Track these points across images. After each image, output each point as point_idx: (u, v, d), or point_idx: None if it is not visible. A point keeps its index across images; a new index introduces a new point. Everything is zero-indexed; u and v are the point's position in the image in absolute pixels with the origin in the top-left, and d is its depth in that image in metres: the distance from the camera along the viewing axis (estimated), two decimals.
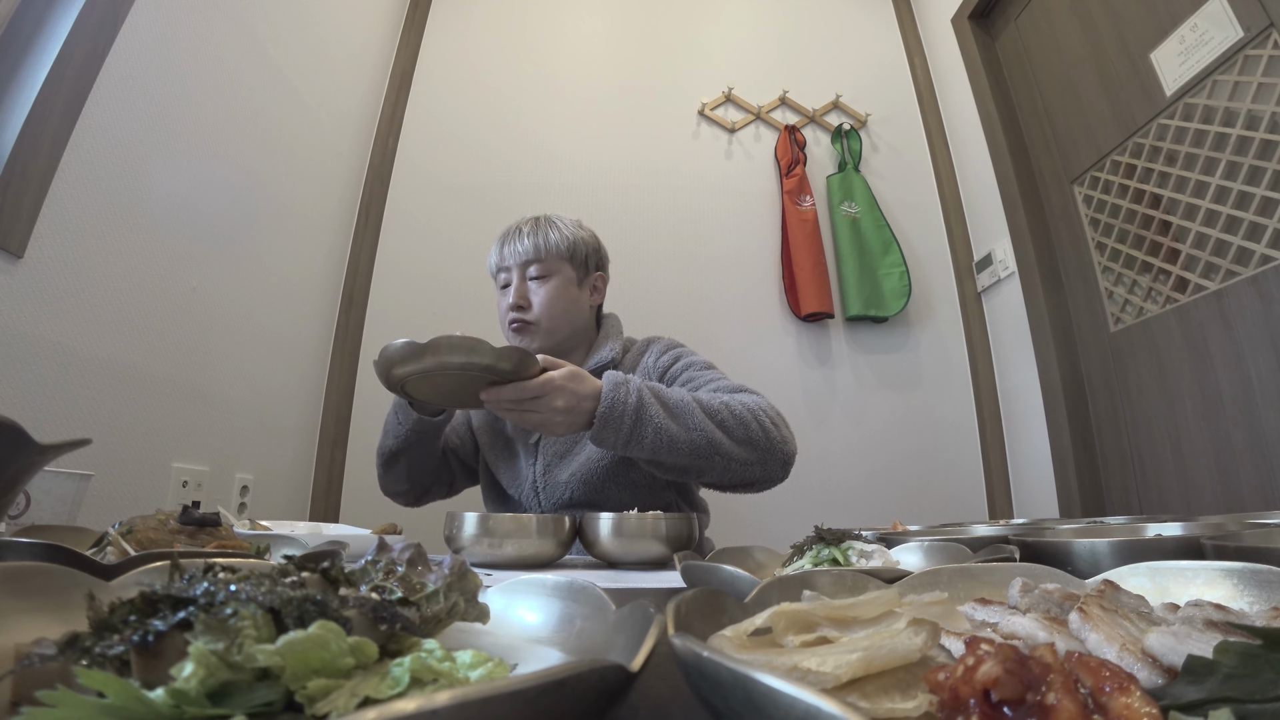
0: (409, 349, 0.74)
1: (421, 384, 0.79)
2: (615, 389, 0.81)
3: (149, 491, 1.18)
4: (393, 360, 0.75)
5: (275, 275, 1.58)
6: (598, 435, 0.81)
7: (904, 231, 2.07)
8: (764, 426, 0.88)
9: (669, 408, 0.84)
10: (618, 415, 0.80)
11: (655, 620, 0.21)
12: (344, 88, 1.91)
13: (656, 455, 0.83)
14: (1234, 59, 1.29)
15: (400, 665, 0.19)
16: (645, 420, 0.81)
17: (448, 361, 0.73)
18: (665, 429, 0.82)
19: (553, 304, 1.03)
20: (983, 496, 1.87)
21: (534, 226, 1.06)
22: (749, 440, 0.86)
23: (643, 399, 0.82)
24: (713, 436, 0.84)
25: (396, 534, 0.83)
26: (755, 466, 0.88)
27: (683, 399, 0.86)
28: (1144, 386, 1.50)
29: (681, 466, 0.85)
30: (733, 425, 0.86)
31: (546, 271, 1.04)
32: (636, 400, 0.82)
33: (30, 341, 0.96)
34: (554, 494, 1.02)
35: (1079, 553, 0.43)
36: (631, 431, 0.81)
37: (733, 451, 0.85)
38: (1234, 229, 1.29)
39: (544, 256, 1.04)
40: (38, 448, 0.37)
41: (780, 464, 0.90)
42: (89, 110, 1.05)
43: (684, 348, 1.09)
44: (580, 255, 1.08)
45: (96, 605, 0.19)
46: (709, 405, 0.87)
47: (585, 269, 1.09)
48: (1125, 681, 0.15)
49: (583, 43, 2.26)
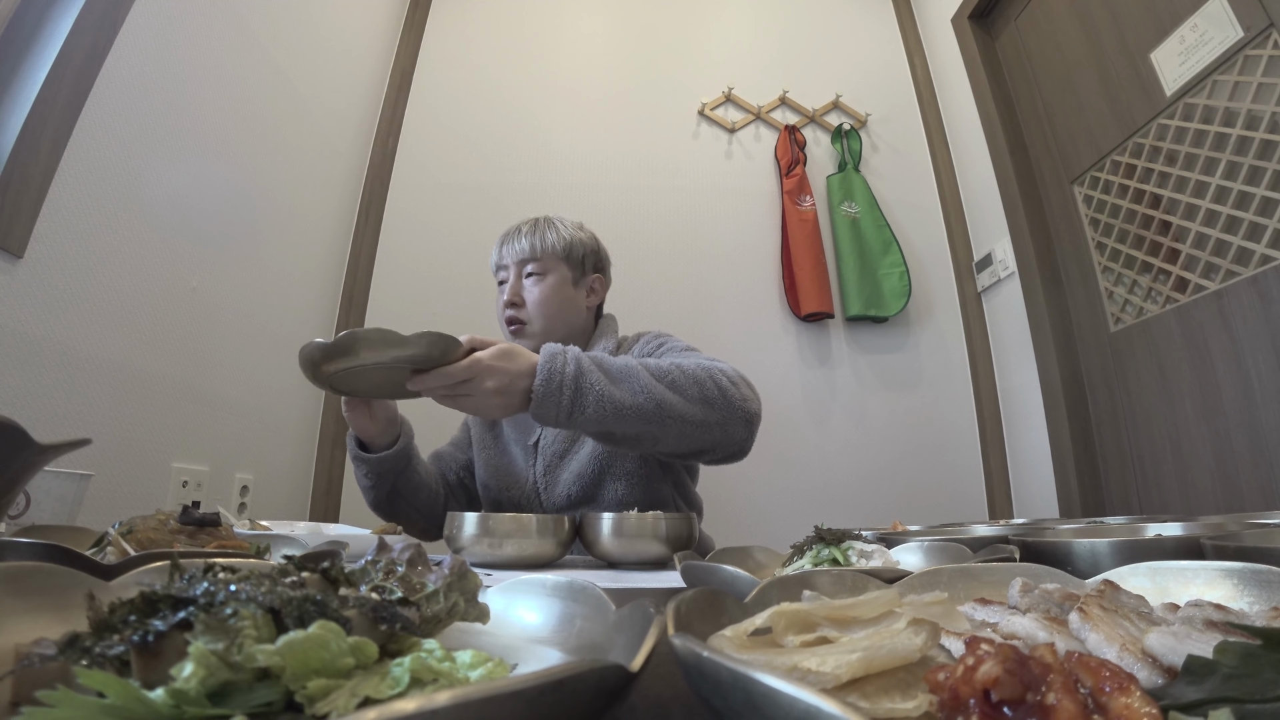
0: (321, 351, 0.69)
1: (349, 380, 0.74)
2: (551, 359, 0.77)
3: (149, 491, 1.18)
4: (308, 362, 0.70)
5: (275, 275, 1.58)
6: (537, 411, 0.76)
7: (904, 231, 2.07)
8: (720, 385, 0.84)
9: (611, 374, 0.79)
10: (555, 387, 0.75)
11: (655, 620, 0.21)
12: (344, 88, 1.91)
13: (603, 425, 0.78)
14: (1234, 59, 1.29)
15: (400, 665, 0.19)
16: (586, 389, 0.76)
17: (363, 359, 0.69)
18: (608, 396, 0.77)
19: (546, 302, 1.04)
20: (983, 496, 1.87)
21: (533, 227, 1.08)
22: (704, 399, 0.82)
23: (582, 367, 0.77)
24: (662, 399, 0.79)
25: (396, 534, 0.83)
26: (715, 429, 0.84)
27: (626, 364, 0.81)
28: (1144, 386, 1.50)
29: (633, 435, 0.81)
30: (685, 384, 0.82)
31: (542, 270, 1.05)
32: (575, 369, 0.77)
33: (31, 341, 0.96)
34: (555, 493, 1.02)
35: (1079, 553, 0.43)
36: (573, 403, 0.76)
37: (686, 412, 0.81)
38: (1234, 229, 1.28)
39: (540, 255, 1.05)
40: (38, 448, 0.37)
41: (742, 423, 0.86)
42: (89, 110, 1.05)
43: (671, 337, 1.08)
44: (577, 255, 1.08)
45: (96, 605, 0.19)
46: (657, 367, 0.83)
47: (582, 269, 1.10)
48: (1125, 681, 0.15)
49: (583, 42, 2.26)
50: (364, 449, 0.97)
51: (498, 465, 1.10)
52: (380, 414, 0.92)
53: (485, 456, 1.11)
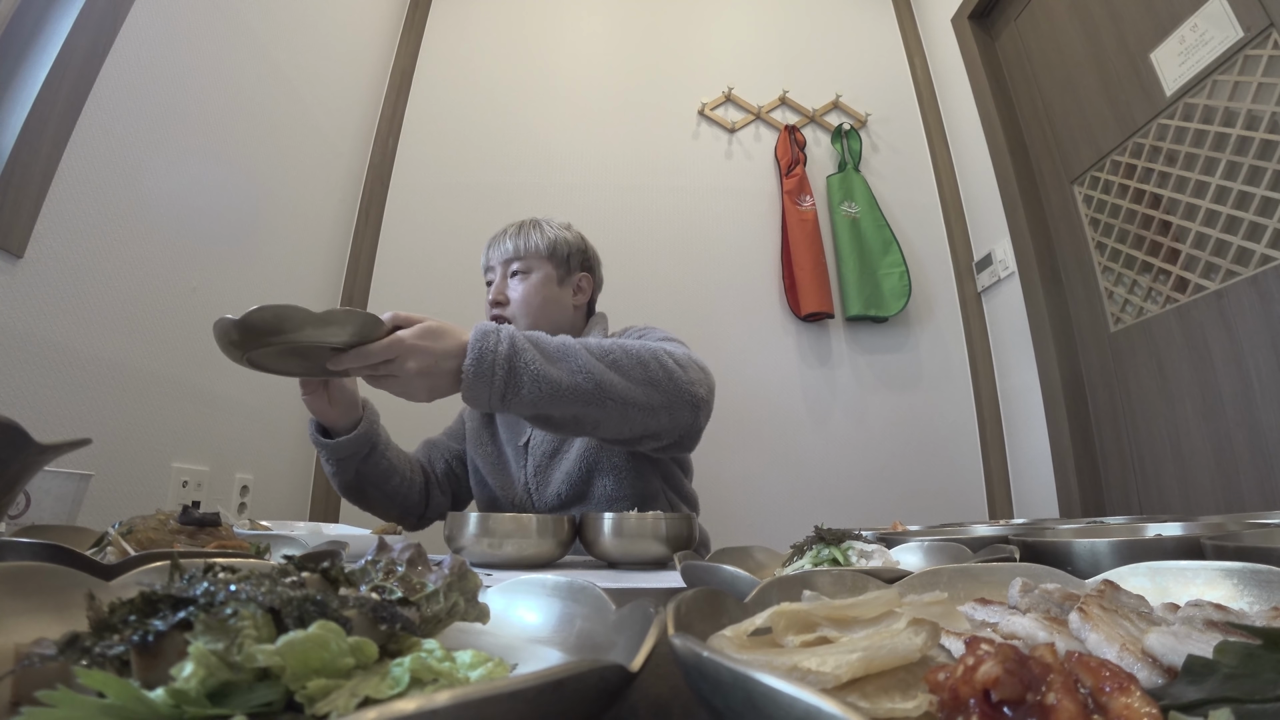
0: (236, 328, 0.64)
1: (268, 358, 0.70)
2: (483, 338, 0.72)
3: (149, 491, 1.18)
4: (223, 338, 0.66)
5: (275, 275, 1.58)
6: (469, 393, 0.72)
7: (904, 231, 2.07)
8: (665, 366, 0.81)
9: (547, 352, 0.76)
10: (487, 367, 0.71)
11: (655, 620, 0.21)
12: (344, 88, 1.91)
13: (539, 408, 0.74)
14: (1234, 59, 1.29)
15: (400, 665, 0.19)
16: (520, 369, 0.72)
17: (281, 338, 0.64)
18: (544, 375, 0.73)
19: (529, 300, 1.05)
20: (983, 496, 1.87)
21: (518, 229, 1.09)
22: (648, 380, 0.79)
23: (516, 346, 0.73)
24: (601, 378, 0.76)
25: (396, 534, 0.83)
26: (660, 412, 0.80)
27: (564, 342, 0.78)
28: (1144, 386, 1.50)
29: (573, 418, 0.77)
30: (627, 365, 0.79)
31: (526, 269, 1.07)
32: (509, 348, 0.73)
33: (30, 341, 0.96)
34: (546, 493, 1.03)
35: (1079, 553, 0.43)
36: (506, 383, 0.72)
37: (628, 394, 0.77)
38: (1234, 229, 1.28)
39: (524, 255, 1.07)
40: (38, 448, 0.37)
41: (689, 407, 0.82)
42: (89, 110, 1.05)
43: (654, 329, 1.08)
44: (561, 254, 1.09)
45: (96, 605, 0.19)
46: (598, 346, 0.79)
47: (567, 268, 1.10)
48: (1125, 681, 0.15)
49: (583, 42, 2.26)
50: (327, 435, 0.96)
51: (495, 464, 1.10)
52: (339, 397, 0.91)
53: (483, 454, 1.11)
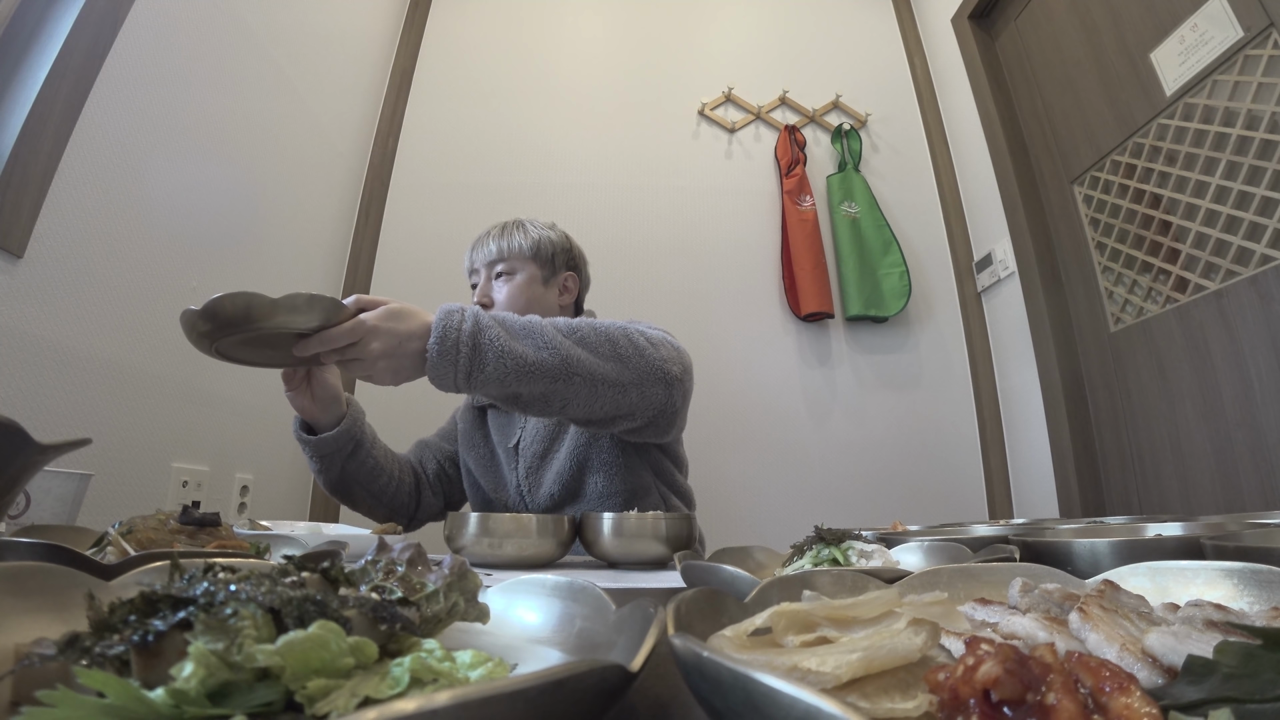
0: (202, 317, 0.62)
1: (236, 348, 0.69)
2: (447, 317, 0.72)
3: (149, 491, 1.18)
4: (189, 328, 0.65)
5: (275, 275, 1.58)
6: (434, 374, 0.71)
7: (904, 231, 2.07)
8: (635, 343, 0.80)
9: (512, 330, 0.75)
10: (451, 346, 0.70)
11: (655, 620, 0.21)
12: (344, 88, 1.91)
13: (506, 385, 0.73)
14: (1234, 59, 1.29)
15: (400, 665, 0.19)
16: (484, 345, 0.71)
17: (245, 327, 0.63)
18: (509, 351, 0.72)
19: (513, 300, 1.05)
20: (983, 496, 1.87)
21: (501, 231, 1.10)
22: (616, 356, 0.78)
23: (480, 324, 0.73)
24: (568, 354, 0.75)
25: (396, 534, 0.83)
26: (631, 390, 0.79)
27: (530, 320, 0.77)
28: (1144, 386, 1.50)
29: (541, 395, 0.76)
30: (595, 341, 0.78)
31: (510, 270, 1.07)
32: (473, 326, 0.72)
33: (30, 341, 0.96)
34: (539, 494, 1.03)
35: (1079, 553, 0.43)
36: (470, 362, 0.71)
37: (596, 370, 0.76)
38: (1234, 229, 1.28)
39: (507, 256, 1.07)
40: (38, 448, 0.37)
41: (660, 384, 0.81)
42: (89, 110, 1.05)
43: (641, 322, 1.08)
44: (545, 254, 1.09)
45: (96, 605, 0.19)
46: (566, 324, 0.78)
47: (552, 268, 1.10)
48: (1125, 681, 0.15)
49: (583, 43, 2.26)
50: (311, 431, 0.96)
51: (487, 465, 1.10)
52: (320, 393, 0.91)
53: (475, 455, 1.12)
